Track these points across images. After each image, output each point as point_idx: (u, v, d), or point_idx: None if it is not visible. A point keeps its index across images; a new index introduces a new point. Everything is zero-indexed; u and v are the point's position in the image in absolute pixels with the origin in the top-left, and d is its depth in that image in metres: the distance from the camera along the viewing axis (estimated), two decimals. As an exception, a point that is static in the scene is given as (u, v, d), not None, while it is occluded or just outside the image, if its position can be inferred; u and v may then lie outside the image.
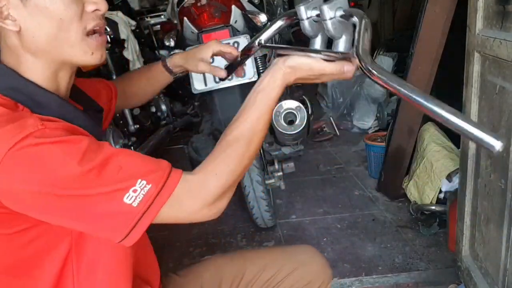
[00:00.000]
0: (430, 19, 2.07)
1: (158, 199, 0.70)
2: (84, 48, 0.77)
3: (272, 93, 0.82)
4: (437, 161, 2.13)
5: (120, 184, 0.68)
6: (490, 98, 1.30)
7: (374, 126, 3.51)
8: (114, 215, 0.69)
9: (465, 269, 1.59)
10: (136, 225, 0.69)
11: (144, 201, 0.69)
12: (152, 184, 0.70)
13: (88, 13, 0.77)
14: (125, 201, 0.68)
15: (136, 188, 0.69)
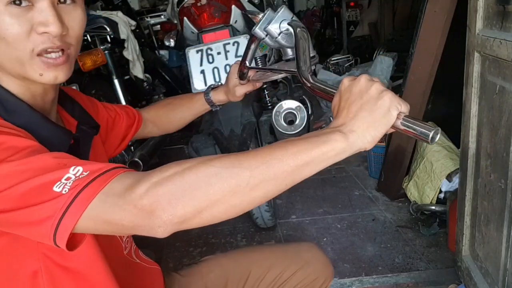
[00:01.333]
0: (430, 19, 2.07)
1: (89, 190, 0.61)
2: (33, 68, 0.74)
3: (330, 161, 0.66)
4: (437, 161, 2.14)
5: (53, 174, 0.62)
6: (490, 98, 1.30)
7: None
8: (43, 204, 0.61)
9: (465, 269, 1.59)
10: (65, 214, 0.60)
11: (74, 188, 0.61)
12: (89, 171, 0.62)
13: (36, 34, 0.72)
14: (54, 190, 0.61)
15: (70, 175, 0.62)
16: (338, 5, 6.25)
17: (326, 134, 0.64)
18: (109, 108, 1.13)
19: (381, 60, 3.52)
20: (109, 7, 3.35)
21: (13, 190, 0.62)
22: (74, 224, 0.60)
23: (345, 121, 0.65)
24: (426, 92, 2.19)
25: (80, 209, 0.60)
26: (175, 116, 1.27)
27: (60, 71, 0.76)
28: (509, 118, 1.19)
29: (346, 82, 0.68)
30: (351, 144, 0.64)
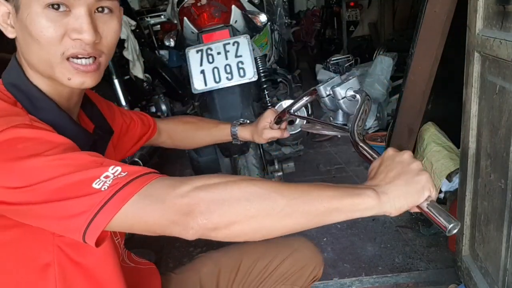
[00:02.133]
0: (430, 19, 2.07)
1: (128, 188, 0.62)
2: (61, 71, 0.76)
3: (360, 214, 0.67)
4: (437, 161, 2.13)
5: (92, 171, 0.64)
6: (490, 98, 1.30)
7: (374, 126, 3.51)
8: (79, 199, 0.63)
9: (465, 269, 1.59)
10: (101, 210, 0.62)
11: (113, 186, 0.62)
12: (127, 172, 0.64)
13: (69, 39, 0.74)
14: (93, 186, 0.62)
15: (109, 174, 0.64)
16: (338, 5, 6.25)
17: (361, 189, 0.66)
18: (125, 114, 1.14)
19: (381, 60, 3.52)
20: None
21: (48, 183, 0.63)
22: (110, 219, 0.62)
23: (381, 184, 0.68)
24: (426, 92, 2.19)
25: (118, 205, 0.62)
26: (194, 136, 1.28)
27: (88, 77, 0.78)
28: (509, 118, 1.19)
29: (391, 151, 0.73)
30: (381, 204, 0.66)
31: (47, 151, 0.65)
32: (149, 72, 3.05)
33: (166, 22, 3.92)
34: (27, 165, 0.64)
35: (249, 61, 1.90)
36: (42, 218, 0.65)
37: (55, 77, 0.77)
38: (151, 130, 1.21)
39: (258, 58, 2.19)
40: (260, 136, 1.21)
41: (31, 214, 0.65)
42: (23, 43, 0.76)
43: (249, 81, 1.91)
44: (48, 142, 0.67)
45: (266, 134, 1.20)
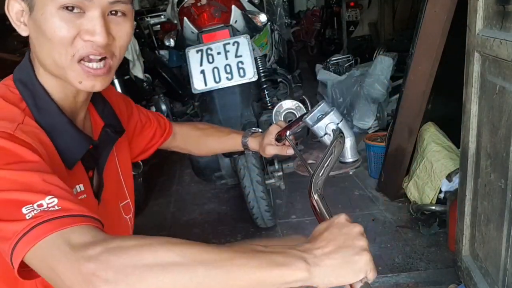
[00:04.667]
0: (430, 19, 2.07)
1: (49, 224, 0.58)
2: (72, 74, 0.76)
3: None
4: (437, 161, 2.14)
5: (30, 194, 0.61)
6: (490, 98, 1.30)
7: (374, 126, 3.51)
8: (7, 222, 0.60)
9: (465, 269, 1.59)
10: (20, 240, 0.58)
11: (37, 217, 0.59)
12: (61, 207, 0.60)
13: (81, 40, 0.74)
14: (22, 211, 0.60)
15: (43, 203, 0.60)
16: (338, 5, 6.25)
17: (293, 257, 0.60)
18: (142, 112, 1.14)
19: (381, 60, 3.52)
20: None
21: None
22: (25, 252, 0.58)
23: (317, 253, 0.62)
24: (426, 92, 2.19)
25: (32, 242, 0.58)
26: (205, 143, 1.27)
27: (98, 81, 0.78)
28: (509, 118, 1.19)
29: (343, 219, 0.68)
30: (311, 277, 0.60)
31: (9, 164, 0.64)
32: (149, 72, 3.05)
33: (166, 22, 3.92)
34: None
35: (249, 61, 1.90)
36: None
37: (67, 79, 0.77)
38: (166, 132, 1.20)
39: (258, 58, 2.19)
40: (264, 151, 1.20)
41: None
42: (36, 42, 0.77)
43: (249, 81, 1.91)
44: (16, 155, 0.66)
45: (269, 150, 1.19)
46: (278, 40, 2.78)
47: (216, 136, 1.28)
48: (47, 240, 0.57)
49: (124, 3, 0.76)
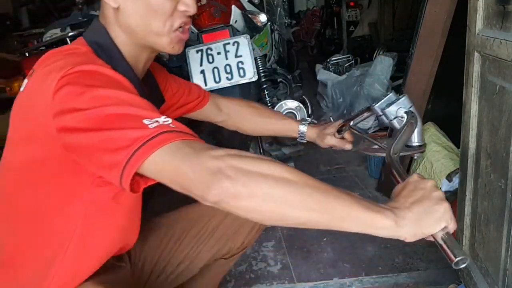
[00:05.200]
0: (430, 19, 2.07)
1: (172, 134, 0.66)
2: (168, 40, 0.87)
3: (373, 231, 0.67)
4: (437, 161, 2.13)
5: (147, 112, 0.69)
6: (490, 98, 1.30)
7: (374, 126, 3.51)
8: (128, 130, 0.67)
9: (465, 269, 1.59)
10: (142, 146, 0.65)
11: (160, 127, 0.67)
12: (175, 125, 0.69)
13: (178, 11, 0.86)
14: (144, 122, 0.67)
15: (159, 120, 0.68)
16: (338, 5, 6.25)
17: (382, 208, 0.67)
18: (175, 80, 1.20)
19: (381, 60, 3.52)
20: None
21: (104, 110, 0.69)
22: (146, 157, 0.65)
23: (401, 207, 0.68)
24: (426, 92, 2.19)
25: (160, 144, 0.65)
26: (258, 122, 1.30)
27: (182, 45, 0.91)
28: (509, 118, 1.19)
29: (416, 177, 0.74)
30: (397, 227, 0.66)
31: (117, 88, 0.73)
32: (149, 72, 3.04)
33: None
34: (97, 92, 0.70)
35: (249, 61, 1.91)
36: (91, 149, 0.69)
37: (158, 44, 0.88)
38: (199, 100, 1.24)
39: (258, 58, 2.19)
40: (323, 140, 1.23)
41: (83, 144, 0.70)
42: (130, 12, 0.85)
43: (249, 81, 1.92)
44: (120, 83, 0.75)
45: (328, 140, 1.22)
46: (278, 40, 2.78)
47: (271, 118, 1.30)
48: (172, 145, 0.65)
49: None
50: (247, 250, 2.04)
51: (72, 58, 0.78)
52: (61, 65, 0.75)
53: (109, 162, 0.67)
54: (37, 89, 0.77)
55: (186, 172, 0.65)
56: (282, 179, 0.64)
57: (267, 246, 2.10)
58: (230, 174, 0.63)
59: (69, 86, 0.72)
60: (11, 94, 2.22)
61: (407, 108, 0.96)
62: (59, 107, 0.72)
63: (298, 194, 0.64)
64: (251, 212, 0.64)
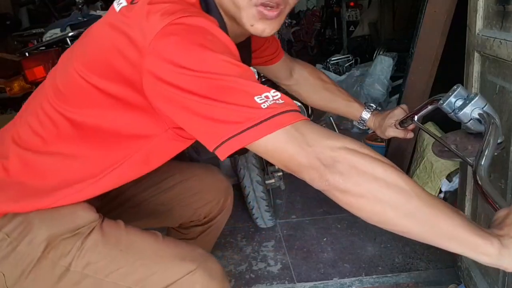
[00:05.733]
0: (430, 19, 2.07)
1: (284, 116, 0.64)
2: (246, 16, 0.79)
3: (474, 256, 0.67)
4: (437, 161, 2.13)
5: (256, 86, 0.66)
6: (490, 98, 1.30)
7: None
8: (239, 107, 0.64)
9: (465, 269, 1.59)
10: (254, 127, 0.63)
11: (272, 108, 0.64)
12: (284, 101, 0.66)
13: None
14: (255, 100, 0.64)
15: (269, 95, 0.65)
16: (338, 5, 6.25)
17: (488, 234, 0.65)
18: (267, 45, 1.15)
19: (381, 60, 3.52)
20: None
21: (216, 77, 0.66)
22: (259, 138, 0.64)
23: (505, 237, 0.65)
24: (426, 92, 2.19)
25: (273, 129, 0.64)
26: (322, 96, 1.26)
27: (268, 25, 0.80)
28: (509, 118, 1.19)
29: None
30: (500, 256, 0.64)
31: (225, 53, 0.69)
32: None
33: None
34: (207, 55, 0.67)
35: (249, 61, 1.90)
36: (191, 113, 0.67)
37: (240, 20, 0.80)
38: (274, 55, 1.19)
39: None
40: (383, 131, 1.20)
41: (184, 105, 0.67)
42: None
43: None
44: (227, 48, 0.71)
45: (389, 131, 1.19)
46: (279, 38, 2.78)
47: (336, 95, 1.26)
48: (286, 129, 0.64)
49: None
50: (247, 250, 2.06)
51: (181, 4, 0.74)
52: (169, 9, 0.71)
53: (206, 129, 0.67)
54: (135, 21, 0.73)
55: (299, 159, 0.65)
56: (394, 186, 0.63)
57: (267, 246, 2.10)
58: (343, 170, 0.63)
59: (175, 36, 0.68)
60: (11, 94, 2.22)
61: (481, 108, 0.86)
62: (157, 52, 0.68)
63: (407, 204, 0.63)
64: (355, 209, 0.66)
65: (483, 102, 0.86)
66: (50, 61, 1.95)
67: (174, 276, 0.87)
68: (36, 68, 1.95)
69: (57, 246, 0.84)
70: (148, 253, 0.89)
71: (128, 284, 0.86)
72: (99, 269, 0.85)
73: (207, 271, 0.88)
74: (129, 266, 0.86)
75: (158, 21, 0.69)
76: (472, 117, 0.86)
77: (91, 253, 0.86)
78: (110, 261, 0.86)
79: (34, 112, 0.88)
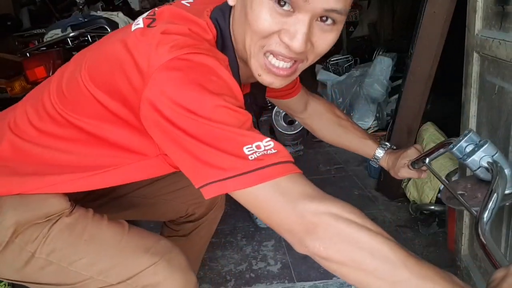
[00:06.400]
0: (430, 20, 2.08)
1: (270, 170, 0.62)
2: (254, 64, 0.76)
3: None
4: (436, 161, 2.14)
5: (248, 135, 0.65)
6: (489, 98, 1.31)
7: (373, 126, 3.51)
8: (226, 155, 0.64)
9: (464, 269, 1.59)
10: (236, 177, 0.62)
11: (260, 160, 0.62)
12: (278, 150, 0.64)
13: (278, 37, 0.71)
14: (244, 150, 0.63)
15: (261, 145, 0.64)
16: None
17: None
18: None
19: (380, 61, 3.52)
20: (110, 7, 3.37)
21: (210, 123, 0.65)
22: (240, 189, 0.63)
23: None
24: (426, 93, 2.20)
25: (256, 181, 0.62)
26: (337, 132, 1.23)
27: (278, 80, 0.77)
28: (508, 118, 1.20)
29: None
30: None
31: (227, 95, 0.67)
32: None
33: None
34: (205, 97, 0.65)
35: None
36: (181, 149, 0.67)
37: (249, 66, 0.77)
38: (291, 90, 1.16)
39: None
40: (396, 172, 1.17)
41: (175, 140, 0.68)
42: (237, 14, 0.76)
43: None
44: (231, 90, 0.69)
45: (402, 172, 1.16)
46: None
47: (349, 132, 1.23)
48: (269, 184, 0.62)
49: (339, 13, 0.71)
50: (247, 250, 2.06)
51: (194, 39, 0.72)
52: (180, 43, 0.70)
53: (193, 168, 0.66)
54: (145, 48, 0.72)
55: (278, 220, 0.63)
56: (380, 256, 0.60)
57: (267, 246, 2.11)
58: (325, 237, 0.61)
59: (177, 72, 0.67)
60: (12, 94, 2.22)
61: (491, 156, 0.82)
62: (158, 83, 0.68)
63: (393, 275, 0.60)
64: (339, 275, 0.63)
65: (493, 149, 0.83)
66: (51, 62, 1.96)
67: (137, 267, 0.86)
68: (37, 69, 1.95)
69: (24, 232, 0.85)
70: (111, 243, 0.89)
71: (90, 274, 0.86)
72: (63, 256, 0.86)
73: (170, 262, 0.88)
74: (92, 257, 0.87)
75: (166, 53, 0.69)
76: (481, 164, 0.83)
77: (56, 240, 0.86)
78: (73, 250, 0.87)
79: (35, 104, 0.89)
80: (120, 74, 0.75)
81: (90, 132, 0.84)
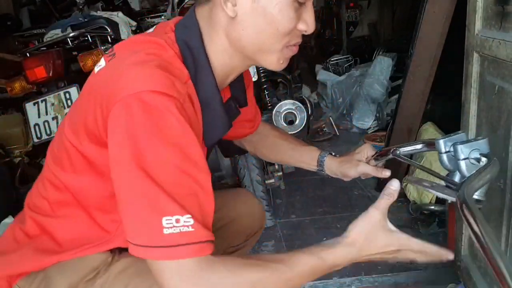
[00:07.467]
0: (430, 20, 2.08)
1: (179, 250, 0.65)
2: (279, 57, 0.81)
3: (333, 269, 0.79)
4: (436, 161, 2.13)
5: (174, 204, 0.65)
6: (489, 98, 1.31)
7: (373, 126, 3.52)
8: (145, 221, 0.66)
9: (464, 269, 1.59)
10: (144, 247, 0.66)
11: (172, 236, 0.64)
12: (194, 230, 0.66)
13: (296, 29, 0.78)
14: (162, 221, 0.64)
15: (180, 219, 0.65)
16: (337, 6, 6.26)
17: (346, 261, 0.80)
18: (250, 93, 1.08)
19: (380, 61, 3.53)
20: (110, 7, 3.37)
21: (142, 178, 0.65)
22: (145, 258, 0.67)
23: None
24: (426, 92, 2.20)
25: (160, 257, 0.65)
26: (279, 151, 1.20)
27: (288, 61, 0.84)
28: (508, 118, 1.20)
29: None
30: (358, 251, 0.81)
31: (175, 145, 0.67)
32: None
33: (166, 23, 3.92)
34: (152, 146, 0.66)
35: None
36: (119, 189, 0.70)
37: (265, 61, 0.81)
38: (253, 125, 1.14)
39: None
40: (353, 168, 1.14)
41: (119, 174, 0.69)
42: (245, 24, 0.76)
43: (249, 81, 1.91)
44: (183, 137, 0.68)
45: (361, 167, 1.13)
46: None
47: (293, 150, 1.18)
48: (172, 263, 0.65)
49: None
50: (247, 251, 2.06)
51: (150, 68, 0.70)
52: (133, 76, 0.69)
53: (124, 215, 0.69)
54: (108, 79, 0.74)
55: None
56: None
57: (267, 246, 2.11)
58: None
59: (127, 116, 0.67)
60: (12, 94, 2.22)
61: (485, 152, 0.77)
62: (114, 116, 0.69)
63: None
64: None
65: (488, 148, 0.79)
66: (51, 62, 1.96)
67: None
68: (37, 69, 1.95)
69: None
70: None
71: None
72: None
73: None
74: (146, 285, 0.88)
75: (121, 89, 0.69)
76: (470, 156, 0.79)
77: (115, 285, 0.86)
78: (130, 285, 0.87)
79: (41, 175, 0.89)
80: (89, 114, 0.76)
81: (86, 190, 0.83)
